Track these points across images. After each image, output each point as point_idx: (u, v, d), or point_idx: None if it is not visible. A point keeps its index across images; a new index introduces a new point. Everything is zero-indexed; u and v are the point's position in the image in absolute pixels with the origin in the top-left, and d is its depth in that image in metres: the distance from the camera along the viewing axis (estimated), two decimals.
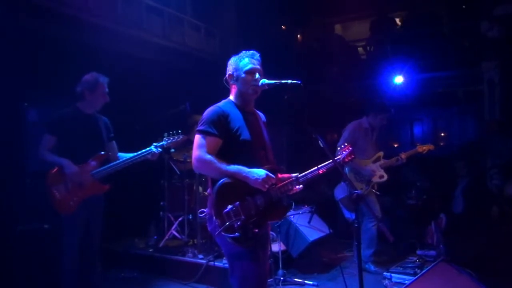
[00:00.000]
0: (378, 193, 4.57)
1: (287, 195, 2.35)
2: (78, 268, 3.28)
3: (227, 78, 2.47)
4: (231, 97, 2.47)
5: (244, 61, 2.40)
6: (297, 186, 2.34)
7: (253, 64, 2.40)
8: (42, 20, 4.47)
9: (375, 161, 4.58)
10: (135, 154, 3.38)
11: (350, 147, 2.60)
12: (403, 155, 4.52)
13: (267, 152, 2.47)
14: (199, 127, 2.31)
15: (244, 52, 2.46)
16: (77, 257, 3.26)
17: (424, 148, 4.58)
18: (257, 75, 2.38)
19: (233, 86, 2.45)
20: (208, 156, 2.24)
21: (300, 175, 2.37)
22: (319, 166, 2.40)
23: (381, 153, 4.64)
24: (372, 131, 4.70)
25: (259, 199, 2.24)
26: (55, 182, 3.25)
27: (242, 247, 2.19)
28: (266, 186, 2.21)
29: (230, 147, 2.30)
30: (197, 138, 2.30)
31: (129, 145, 3.70)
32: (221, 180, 2.22)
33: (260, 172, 2.21)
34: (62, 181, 3.24)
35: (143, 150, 3.38)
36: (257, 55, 2.46)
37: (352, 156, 2.57)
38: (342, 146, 2.63)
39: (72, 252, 3.26)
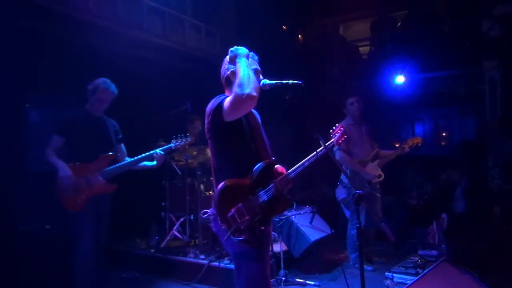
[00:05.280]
0: (378, 195, 4.56)
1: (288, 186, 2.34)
2: (92, 268, 3.28)
3: (230, 76, 2.34)
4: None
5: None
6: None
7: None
8: (43, 21, 4.47)
9: (373, 160, 4.57)
10: (140, 156, 3.45)
11: (342, 127, 2.49)
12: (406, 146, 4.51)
13: (267, 148, 2.47)
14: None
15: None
16: (93, 256, 3.27)
17: (414, 141, 4.55)
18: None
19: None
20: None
21: (294, 167, 2.34)
22: (312, 154, 2.34)
23: (377, 150, 4.62)
24: (360, 125, 4.69)
25: (261, 196, 2.23)
26: None
27: (251, 247, 2.19)
28: None
29: (238, 145, 2.27)
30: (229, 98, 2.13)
31: (130, 146, 3.70)
32: (220, 185, 2.21)
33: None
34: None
35: (147, 153, 3.45)
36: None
37: (345, 136, 2.49)
38: (334, 128, 2.49)
39: (88, 251, 3.25)
